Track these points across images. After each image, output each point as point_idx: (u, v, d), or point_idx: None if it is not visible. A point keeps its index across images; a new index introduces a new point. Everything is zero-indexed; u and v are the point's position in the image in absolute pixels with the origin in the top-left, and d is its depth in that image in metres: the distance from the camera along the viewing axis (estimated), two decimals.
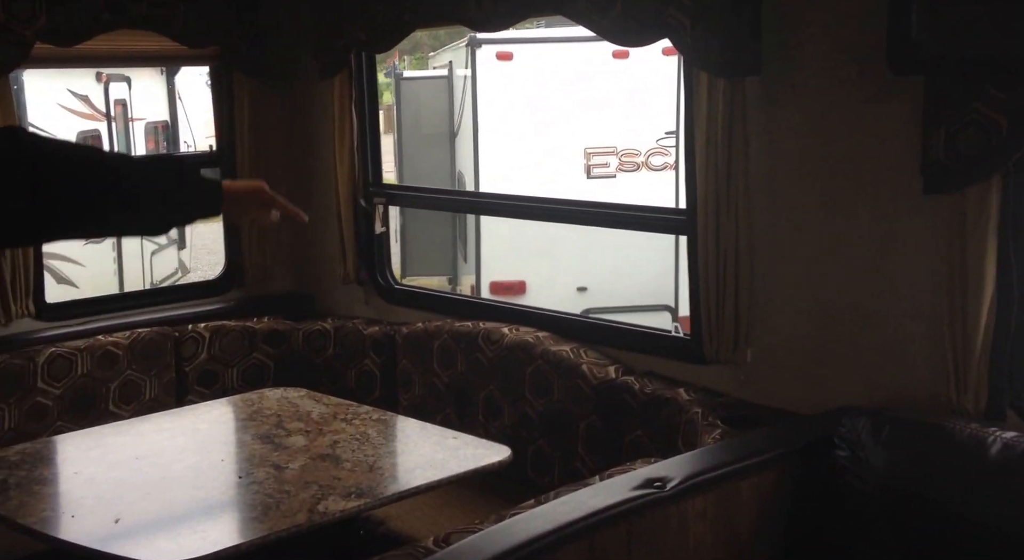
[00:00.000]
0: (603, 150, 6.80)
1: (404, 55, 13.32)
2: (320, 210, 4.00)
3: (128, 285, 7.63)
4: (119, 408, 3.54)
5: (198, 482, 2.67)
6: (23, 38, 3.27)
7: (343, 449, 2.82)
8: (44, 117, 7.14)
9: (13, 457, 2.77)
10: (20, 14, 3.24)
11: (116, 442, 2.98)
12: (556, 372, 3.20)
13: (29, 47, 3.30)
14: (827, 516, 2.29)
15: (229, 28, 3.76)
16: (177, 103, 8.96)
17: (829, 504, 2.28)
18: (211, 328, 3.78)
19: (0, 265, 3.36)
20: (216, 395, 3.66)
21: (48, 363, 3.40)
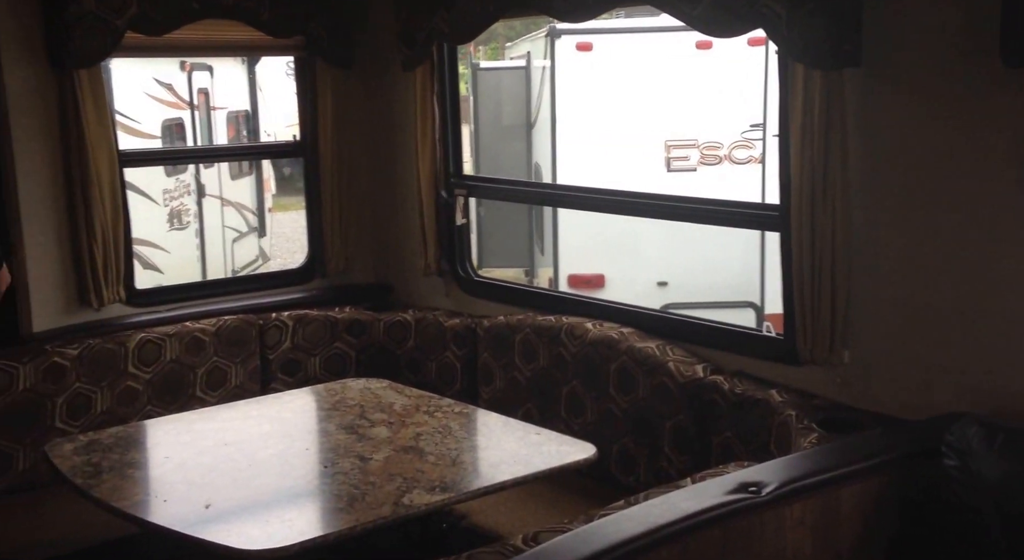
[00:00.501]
0: (684, 143, 6.67)
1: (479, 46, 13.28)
2: (401, 201, 4.01)
3: (210, 272, 7.79)
4: (206, 394, 3.60)
5: (284, 470, 2.70)
6: (114, 27, 3.32)
7: (426, 442, 2.81)
8: (130, 105, 7.29)
9: (106, 440, 2.83)
10: (112, 3, 3.30)
11: (205, 428, 3.03)
12: (641, 369, 3.15)
13: (120, 36, 3.35)
14: (934, 531, 2.18)
15: (314, 18, 3.77)
16: (257, 92, 9.09)
17: (936, 518, 2.18)
18: (294, 317, 3.82)
19: (92, 251, 3.43)
20: (299, 383, 3.70)
21: (138, 348, 3.46)
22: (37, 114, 3.34)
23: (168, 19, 3.45)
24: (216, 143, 8.49)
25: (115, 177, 3.49)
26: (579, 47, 6.66)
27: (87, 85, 3.36)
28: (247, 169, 8.74)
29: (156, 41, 3.49)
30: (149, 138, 7.49)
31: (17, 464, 3.17)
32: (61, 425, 3.27)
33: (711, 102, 6.52)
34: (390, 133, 4.03)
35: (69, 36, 3.26)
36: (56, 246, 3.43)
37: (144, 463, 2.84)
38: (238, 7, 3.60)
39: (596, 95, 6.68)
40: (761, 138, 6.39)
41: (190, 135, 8.18)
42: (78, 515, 2.79)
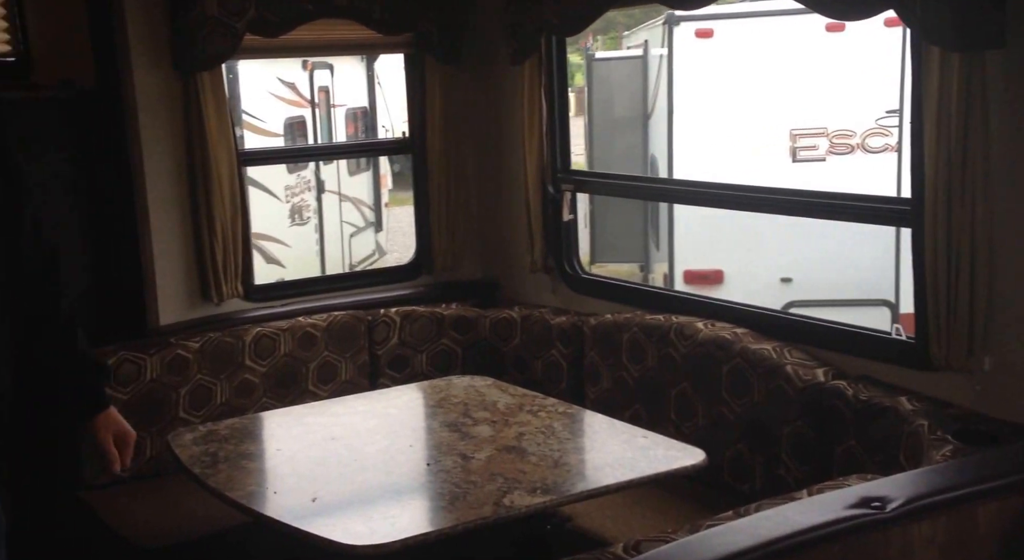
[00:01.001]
0: (812, 131, 6.37)
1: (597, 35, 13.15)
2: (508, 197, 4.00)
3: (329, 266, 7.99)
4: (317, 387, 3.68)
5: (388, 467, 2.72)
6: (234, 30, 3.42)
7: (529, 442, 2.78)
8: (256, 104, 7.55)
9: (223, 431, 2.93)
10: (231, 7, 3.39)
11: (314, 421, 3.09)
12: (756, 372, 3.03)
13: (239, 39, 3.45)
14: None
15: (424, 16, 3.79)
16: (376, 89, 9.26)
17: None
18: (402, 313, 3.86)
19: (213, 248, 3.55)
20: (406, 379, 3.73)
21: (255, 342, 3.57)
22: (163, 116, 3.46)
23: (284, 21, 3.53)
24: (335, 140, 8.69)
25: (235, 176, 3.60)
26: (699, 34, 6.47)
27: (209, 87, 3.47)
28: (364, 165, 8.93)
29: (273, 42, 3.58)
30: (273, 136, 7.74)
31: (145, 451, 3.31)
32: (184, 415, 3.39)
33: (842, 88, 6.20)
34: (497, 128, 4.02)
35: (192, 40, 3.37)
36: (180, 243, 3.56)
37: (257, 454, 2.91)
38: (351, 6, 3.65)
39: (716, 83, 6.48)
40: (897, 125, 6.07)
41: (311, 132, 8.40)
42: (198, 503, 2.87)
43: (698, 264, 6.50)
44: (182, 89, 3.46)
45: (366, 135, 9.29)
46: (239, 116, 7.17)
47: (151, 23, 3.37)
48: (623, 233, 7.36)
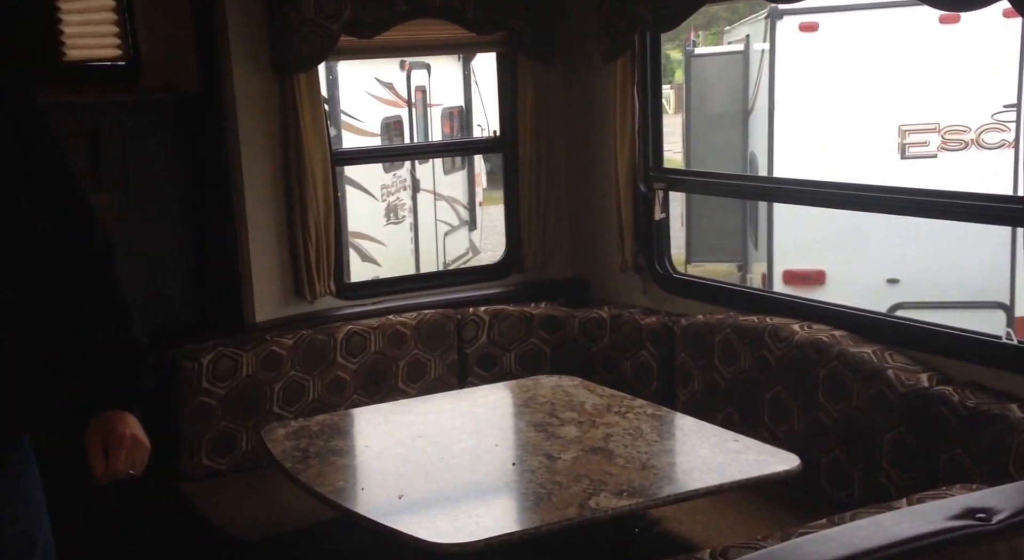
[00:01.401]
0: (922, 127, 6.10)
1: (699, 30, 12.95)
2: (599, 196, 3.96)
3: (423, 264, 8.07)
4: (406, 385, 3.72)
5: (475, 465, 2.72)
6: (330, 32, 3.48)
7: (616, 443, 2.74)
8: (354, 104, 7.68)
9: (314, 427, 2.97)
10: (327, 9, 3.45)
11: (402, 419, 3.12)
12: (855, 376, 2.91)
13: (335, 40, 3.51)
14: None
15: (517, 14, 3.78)
16: (472, 88, 9.31)
17: None
18: (490, 312, 3.86)
19: (307, 247, 3.62)
20: (494, 378, 3.73)
21: (346, 339, 3.62)
22: (261, 118, 3.54)
23: (379, 22, 3.57)
24: (431, 139, 8.78)
25: (328, 176, 3.66)
26: (803, 27, 6.28)
27: (305, 88, 3.54)
28: (459, 164, 9.00)
29: (368, 43, 3.62)
30: (370, 136, 7.86)
31: (240, 445, 3.40)
32: (278, 410, 3.47)
33: (956, 82, 5.91)
34: (589, 126, 3.98)
35: (289, 42, 3.44)
36: (275, 242, 3.64)
37: (346, 451, 2.95)
38: (445, 6, 3.67)
39: (820, 78, 6.28)
40: (1015, 120, 5.77)
41: (407, 132, 8.50)
42: (291, 497, 2.92)
43: (799, 264, 6.31)
44: (279, 90, 3.54)
45: (462, 134, 9.36)
46: (337, 116, 7.31)
47: (251, 27, 3.45)
48: (720, 232, 7.20)
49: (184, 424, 3.32)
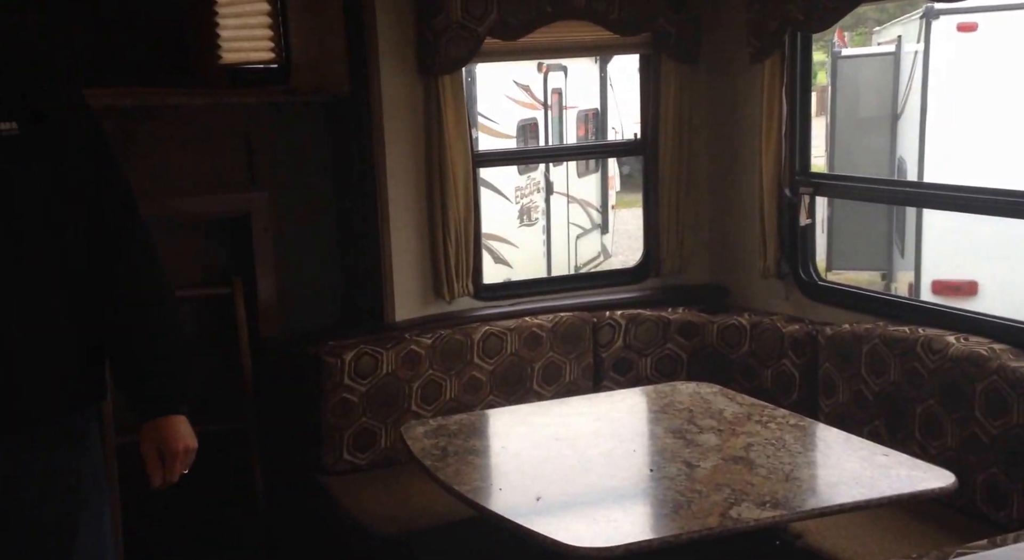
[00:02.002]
0: None
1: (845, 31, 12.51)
2: (741, 200, 3.86)
3: (555, 267, 8.08)
4: (542, 388, 3.72)
5: (611, 470, 2.69)
6: (476, 34, 3.52)
7: (757, 453, 2.67)
8: (490, 106, 7.76)
9: (452, 426, 3.01)
10: (474, 11, 3.49)
11: (539, 421, 3.12)
12: (1016, 392, 2.74)
13: (480, 42, 3.54)
14: None
15: (662, 15, 3.74)
16: (608, 91, 9.27)
17: None
18: (627, 316, 3.82)
19: (447, 248, 3.67)
20: (630, 383, 3.70)
21: (483, 340, 3.65)
22: (406, 119, 3.62)
23: (523, 24, 3.59)
24: (566, 142, 8.79)
25: (470, 177, 3.70)
26: (961, 27, 5.95)
27: (449, 90, 3.59)
28: (593, 167, 8.97)
29: (512, 45, 3.64)
30: (506, 138, 7.93)
31: (380, 441, 3.48)
32: (416, 408, 3.53)
33: None
34: (733, 129, 3.89)
35: (436, 45, 3.50)
36: (416, 242, 3.70)
37: (483, 451, 2.98)
38: (589, 8, 3.66)
39: (978, 80, 5.94)
40: None
41: (543, 134, 8.54)
42: (428, 494, 2.98)
43: (949, 274, 5.98)
44: (424, 93, 3.60)
45: (596, 137, 9.33)
46: (474, 118, 7.40)
47: (399, 31, 3.52)
48: (864, 239, 6.91)
49: (326, 419, 3.42)
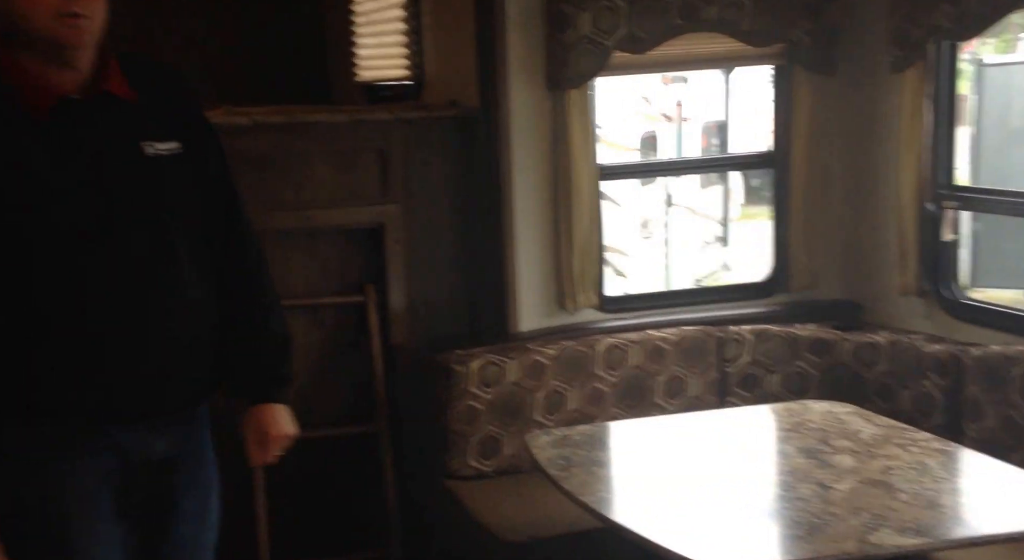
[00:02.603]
0: None
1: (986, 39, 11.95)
2: (878, 214, 3.73)
3: (676, 280, 7.99)
4: (665, 401, 3.68)
5: (740, 488, 2.64)
6: (604, 48, 3.53)
7: (898, 477, 2.56)
8: (613, 119, 7.75)
9: (577, 437, 3.02)
10: (604, 26, 3.50)
11: (664, 435, 3.09)
12: None
13: (608, 56, 3.55)
14: None
15: (797, 25, 3.66)
16: (731, 102, 9.13)
17: None
18: (754, 331, 3.74)
19: (571, 259, 3.69)
20: (757, 400, 3.61)
21: (606, 352, 3.65)
22: (532, 133, 3.66)
23: (653, 37, 3.58)
24: (688, 154, 8.70)
25: (595, 190, 3.72)
26: None
27: (575, 103, 3.62)
28: (715, 179, 8.83)
29: (640, 59, 3.64)
30: (628, 151, 7.90)
31: (505, 448, 3.52)
32: (539, 418, 3.56)
33: None
34: (870, 141, 3.76)
35: (564, 59, 3.53)
36: (540, 254, 3.73)
37: (608, 462, 2.97)
38: (720, 20, 3.62)
39: None
40: None
41: (664, 146, 8.47)
42: (553, 503, 2.97)
43: None
44: (551, 107, 3.63)
45: (719, 149, 9.19)
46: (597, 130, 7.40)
47: (529, 46, 3.57)
48: (1012, 255, 6.55)
49: (453, 426, 3.48)
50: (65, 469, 2.03)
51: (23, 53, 1.94)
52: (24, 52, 1.94)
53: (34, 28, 1.90)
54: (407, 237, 3.66)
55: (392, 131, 3.62)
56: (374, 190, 3.61)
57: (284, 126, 3.44)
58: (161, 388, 2.08)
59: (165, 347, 2.05)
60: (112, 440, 2.06)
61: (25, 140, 1.92)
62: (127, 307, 1.99)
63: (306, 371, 3.59)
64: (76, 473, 2.04)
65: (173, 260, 2.04)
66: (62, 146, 1.95)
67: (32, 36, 1.92)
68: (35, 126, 1.94)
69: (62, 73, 1.96)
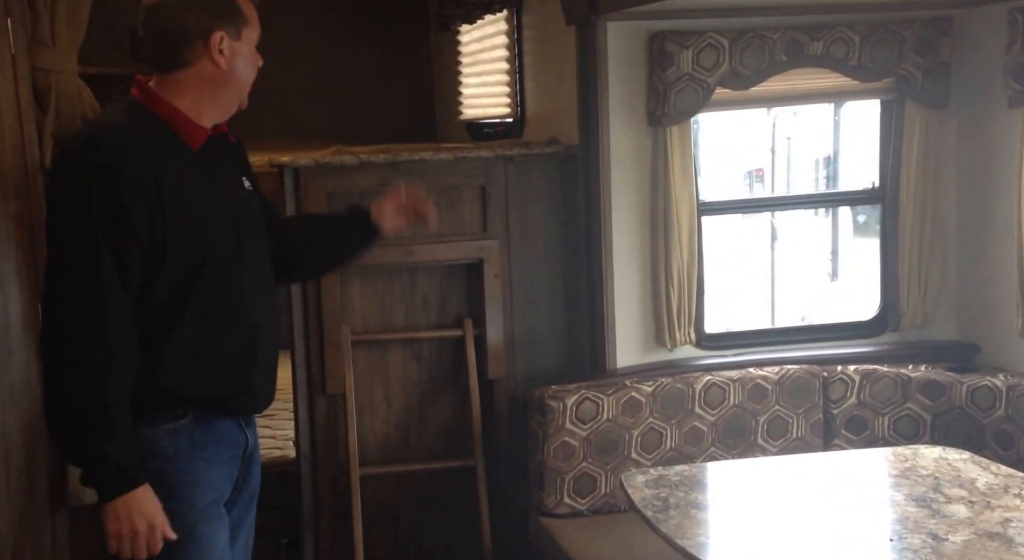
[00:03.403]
0: None
1: None
2: (995, 252, 3.58)
3: (780, 317, 7.82)
4: (766, 442, 3.59)
5: (845, 535, 2.54)
6: (706, 85, 3.52)
7: (1017, 530, 2.42)
8: (714, 154, 7.69)
9: (674, 477, 2.96)
10: (705, 63, 3.50)
11: (765, 478, 3.01)
12: None
13: (710, 93, 3.54)
14: None
15: (907, 59, 3.57)
16: (840, 136, 8.94)
17: None
18: (861, 372, 3.62)
19: (669, 295, 3.66)
20: (864, 443, 3.50)
21: (704, 390, 3.59)
22: (632, 170, 3.66)
23: (757, 73, 3.56)
24: (794, 189, 8.54)
25: (694, 226, 3.69)
26: None
27: (676, 139, 3.62)
28: (822, 213, 8.63)
29: (742, 94, 3.62)
30: (731, 186, 7.81)
31: (600, 487, 3.49)
32: (636, 456, 3.52)
33: None
34: (985, 176, 3.62)
35: (665, 96, 3.53)
36: (638, 289, 3.72)
37: (706, 505, 2.90)
38: (827, 55, 3.56)
39: None
40: None
41: (770, 181, 8.34)
42: (649, 544, 2.93)
43: None
44: (651, 143, 3.63)
45: (828, 184, 8.99)
46: (698, 165, 7.34)
47: (629, 83, 3.58)
48: None
49: (548, 462, 3.47)
50: (201, 467, 2.20)
51: (196, 97, 2.17)
52: (204, 96, 2.17)
53: (247, 87, 2.25)
54: (506, 272, 3.69)
55: (493, 168, 3.67)
56: (474, 225, 3.67)
57: (389, 164, 3.54)
58: (273, 382, 2.38)
59: (274, 349, 2.38)
60: (241, 433, 2.30)
61: (190, 171, 2.16)
62: (258, 318, 2.27)
63: (403, 404, 3.66)
64: (213, 467, 2.23)
65: (270, 279, 2.36)
66: (212, 178, 2.21)
67: (242, 95, 2.25)
68: (193, 159, 2.17)
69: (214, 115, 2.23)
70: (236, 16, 2.17)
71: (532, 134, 4.17)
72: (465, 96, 5.13)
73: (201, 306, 2.14)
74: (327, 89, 5.74)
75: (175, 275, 2.10)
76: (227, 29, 2.15)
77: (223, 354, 2.20)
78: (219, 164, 2.23)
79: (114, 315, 2.03)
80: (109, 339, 2.02)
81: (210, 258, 2.14)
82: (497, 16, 4.49)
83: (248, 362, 2.25)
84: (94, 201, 2.01)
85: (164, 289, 2.10)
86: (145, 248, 2.05)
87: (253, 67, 2.24)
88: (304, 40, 5.67)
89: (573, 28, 3.60)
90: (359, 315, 3.60)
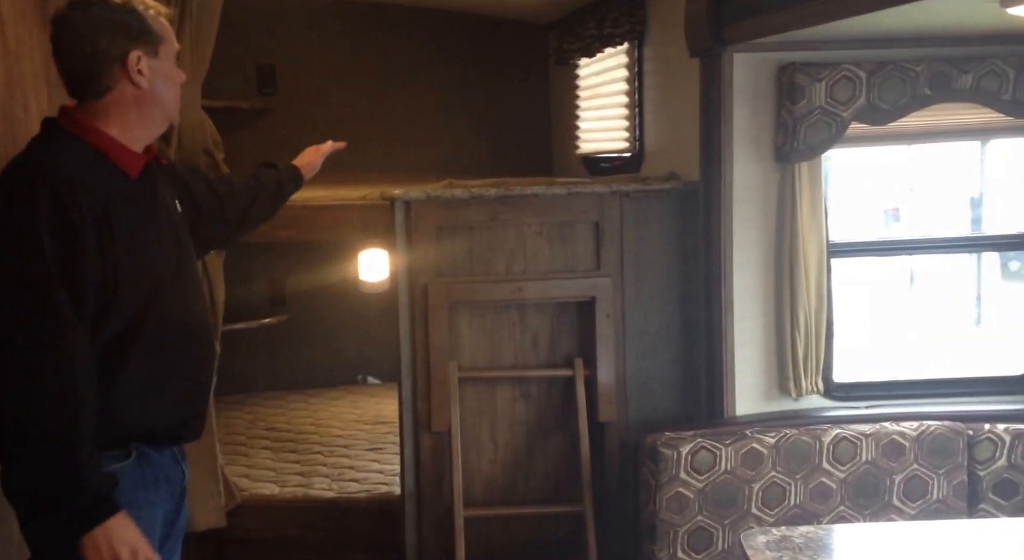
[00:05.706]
0: None
1: None
2: None
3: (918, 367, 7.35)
4: (903, 504, 3.30)
5: None
6: (839, 119, 3.32)
7: None
8: (843, 191, 7.33)
9: (798, 539, 2.74)
10: (839, 96, 3.31)
11: (902, 545, 2.74)
12: None
13: (843, 128, 3.34)
14: None
15: None
16: (987, 174, 8.41)
17: None
18: (1012, 431, 3.30)
19: (794, 341, 3.46)
20: (1015, 510, 3.18)
21: (833, 444, 3.34)
22: (756, 208, 3.49)
23: (897, 108, 3.34)
24: (934, 230, 8.06)
25: (823, 268, 3.49)
26: None
27: (806, 176, 3.43)
28: (965, 257, 8.11)
29: (879, 130, 3.41)
30: (866, 226, 7.43)
31: (717, 543, 3.29)
32: (756, 511, 3.30)
33: None
34: None
35: (795, 131, 3.35)
36: (761, 333, 3.53)
37: None
38: (977, 89, 3.31)
39: None
40: None
41: (907, 221, 7.90)
42: None
43: None
44: (778, 180, 3.46)
45: (973, 226, 8.44)
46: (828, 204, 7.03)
47: (756, 117, 3.43)
48: None
49: (661, 513, 3.29)
50: (144, 513, 2.13)
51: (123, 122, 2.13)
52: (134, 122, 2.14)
53: (172, 105, 2.20)
54: (619, 311, 3.56)
55: (608, 203, 3.57)
56: (587, 262, 3.56)
57: (501, 198, 3.48)
58: (206, 408, 2.33)
59: (212, 369, 2.38)
60: (178, 467, 2.26)
61: (132, 199, 2.14)
62: (205, 337, 2.29)
63: (510, 444, 3.55)
64: (155, 509, 2.18)
65: (201, 292, 2.35)
66: (154, 204, 2.20)
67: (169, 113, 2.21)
68: (133, 186, 2.15)
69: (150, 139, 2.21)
70: (150, 34, 2.10)
71: (650, 169, 4.05)
72: (582, 130, 5.05)
73: (153, 332, 2.10)
74: (445, 126, 5.79)
75: (127, 304, 2.06)
76: (143, 48, 2.09)
77: (178, 377, 2.18)
78: (157, 189, 2.23)
79: (80, 357, 1.98)
80: (77, 385, 1.97)
81: (159, 284, 2.13)
82: (617, 49, 4.41)
83: (204, 381, 2.29)
84: (44, 234, 1.94)
85: (117, 319, 2.05)
86: (98, 279, 2.01)
87: (175, 83, 2.18)
88: (424, 78, 5.75)
89: (697, 60, 3.48)
90: (467, 352, 3.53)
